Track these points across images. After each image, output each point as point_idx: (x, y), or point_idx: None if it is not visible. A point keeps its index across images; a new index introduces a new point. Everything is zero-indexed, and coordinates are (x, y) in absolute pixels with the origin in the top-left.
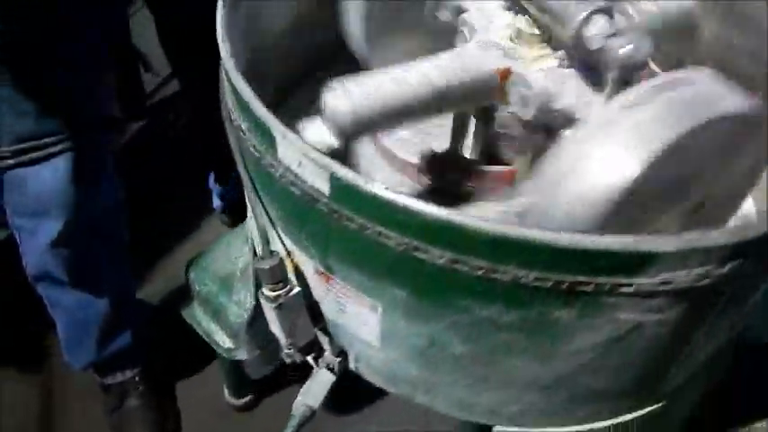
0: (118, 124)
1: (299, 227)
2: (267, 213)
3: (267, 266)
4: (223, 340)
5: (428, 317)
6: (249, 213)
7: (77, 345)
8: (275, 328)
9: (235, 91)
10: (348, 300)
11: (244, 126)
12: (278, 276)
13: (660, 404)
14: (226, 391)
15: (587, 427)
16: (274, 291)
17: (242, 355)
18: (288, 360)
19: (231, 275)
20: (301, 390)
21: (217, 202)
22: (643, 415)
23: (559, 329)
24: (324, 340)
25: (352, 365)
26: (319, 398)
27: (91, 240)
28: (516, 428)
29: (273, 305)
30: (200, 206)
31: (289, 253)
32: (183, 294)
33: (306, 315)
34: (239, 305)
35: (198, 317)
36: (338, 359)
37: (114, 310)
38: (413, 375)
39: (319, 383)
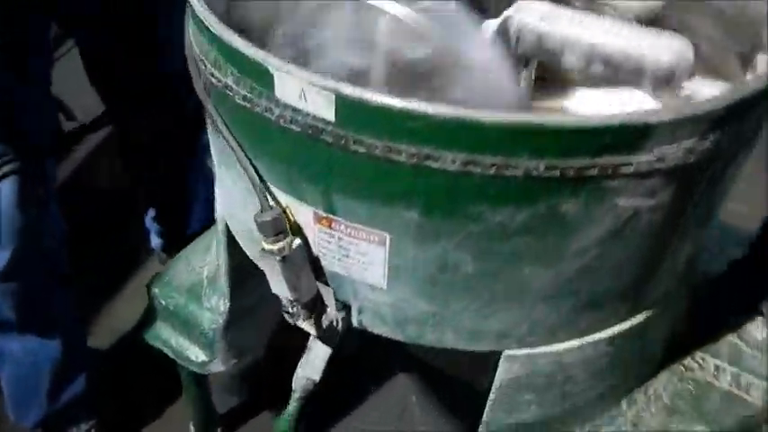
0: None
1: (299, 171)
2: (258, 173)
3: (269, 218)
4: (196, 354)
5: (440, 235)
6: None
7: (26, 399)
8: (279, 285)
9: (220, 45)
10: (353, 241)
11: (231, 80)
12: (280, 227)
13: (650, 311)
14: (192, 430)
15: (587, 339)
16: (277, 243)
17: (217, 366)
18: (292, 321)
19: (198, 284)
20: (299, 364)
21: (155, 241)
22: (635, 326)
23: (566, 225)
24: (326, 294)
25: (355, 321)
26: (319, 370)
27: (40, 272)
28: (525, 350)
29: (278, 258)
30: (138, 246)
31: (284, 210)
32: (128, 339)
33: (309, 269)
34: (212, 311)
35: (164, 336)
36: (341, 314)
37: (66, 353)
38: (422, 312)
39: (317, 356)
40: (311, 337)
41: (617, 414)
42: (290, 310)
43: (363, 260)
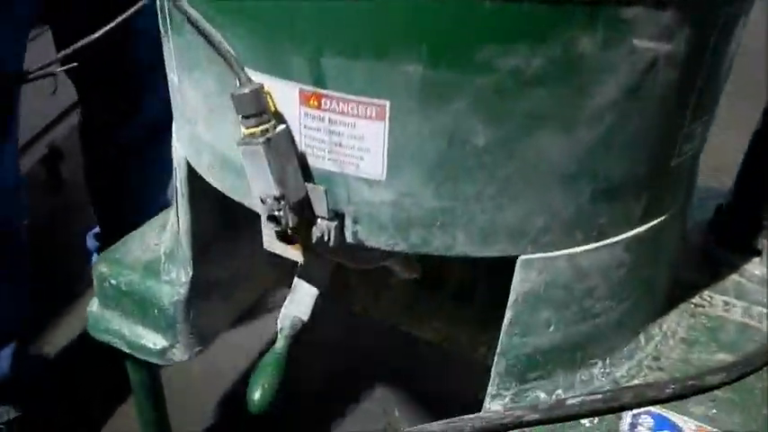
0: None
1: (283, 34)
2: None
3: (248, 90)
4: (154, 341)
5: (447, 96)
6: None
7: None
8: (263, 180)
9: None
10: (346, 121)
11: None
12: (261, 104)
13: (661, 218)
14: None
15: (604, 242)
16: (260, 124)
17: (180, 354)
18: (276, 226)
19: (155, 261)
20: (284, 305)
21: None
22: (648, 232)
23: (583, 72)
24: (316, 199)
25: (349, 235)
26: (307, 309)
27: None
28: (541, 254)
29: (261, 141)
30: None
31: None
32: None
33: (295, 161)
34: (173, 283)
35: (114, 326)
36: (334, 223)
37: None
38: (428, 210)
39: (305, 293)
40: (296, 278)
41: (635, 347)
42: (276, 212)
43: (359, 146)
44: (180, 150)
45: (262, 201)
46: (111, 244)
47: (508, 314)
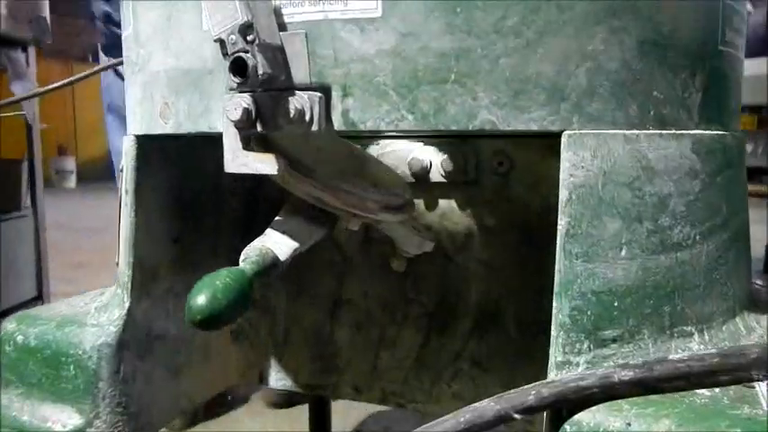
0: None
1: None
2: None
3: None
4: (66, 420)
5: None
6: None
7: None
8: (222, 8)
9: None
10: None
11: None
12: None
13: (727, 133)
14: None
15: (670, 131)
16: None
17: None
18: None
19: (81, 313)
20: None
21: None
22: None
23: None
24: (294, 56)
25: (338, 116)
26: (285, 249)
27: None
28: (591, 129)
29: None
30: None
31: None
32: None
33: (268, 4)
34: (100, 326)
35: (11, 412)
36: (318, 96)
37: None
38: (438, 54)
39: (282, 237)
40: (269, 228)
41: (736, 331)
42: (243, 53)
43: None
44: (129, 135)
45: (222, 44)
46: None
47: (562, 221)
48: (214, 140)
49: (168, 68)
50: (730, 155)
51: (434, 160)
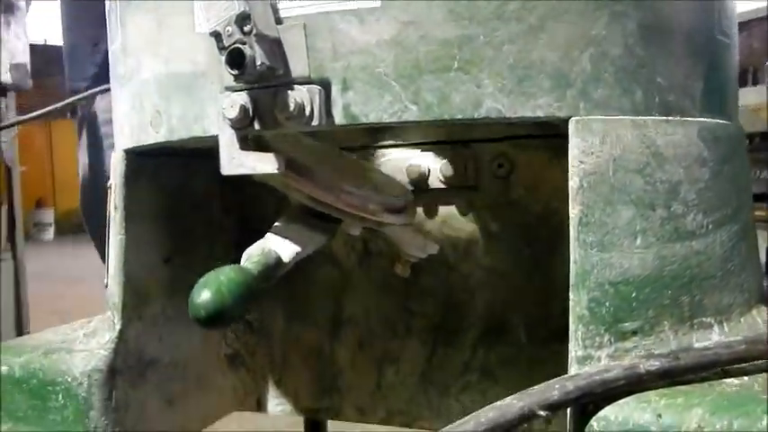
0: None
1: None
2: None
3: None
4: None
5: None
6: None
7: None
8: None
9: None
10: None
11: None
12: None
13: (730, 123)
14: None
15: (676, 117)
16: None
17: None
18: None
19: (69, 340)
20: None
21: None
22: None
23: None
24: (291, 48)
25: (339, 111)
26: (288, 251)
27: None
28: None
29: None
30: None
31: None
32: None
33: None
34: (90, 352)
35: None
36: (317, 89)
37: None
38: (441, 41)
39: (284, 239)
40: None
41: (754, 323)
42: (241, 44)
43: None
44: (117, 150)
45: (218, 37)
46: None
47: (575, 210)
48: (205, 155)
49: (159, 74)
50: (735, 144)
51: (433, 166)
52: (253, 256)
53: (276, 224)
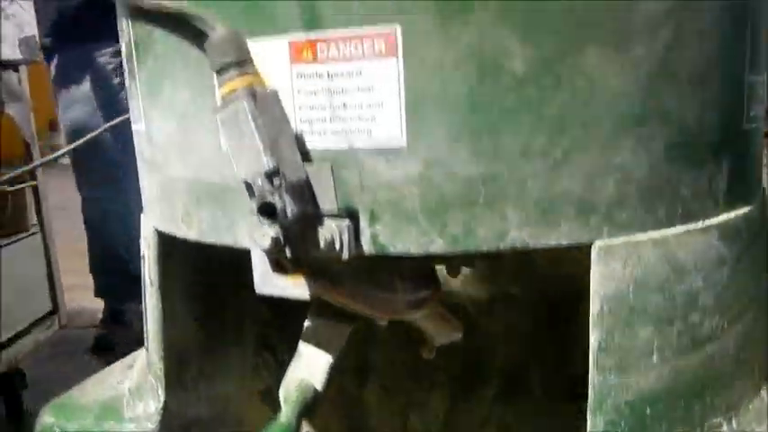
0: None
1: None
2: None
3: (224, 31)
4: None
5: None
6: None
7: None
8: (247, 152)
9: None
10: (350, 69)
11: None
12: (243, 51)
13: (750, 207)
14: None
15: (696, 225)
16: (243, 74)
17: None
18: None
19: (116, 398)
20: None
21: None
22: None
23: None
24: (320, 186)
25: (367, 241)
26: (320, 375)
27: None
28: (622, 238)
29: (245, 95)
30: None
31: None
32: None
33: (290, 129)
34: (138, 421)
35: None
36: (345, 222)
37: None
38: (465, 179)
39: (314, 358)
40: (301, 342)
41: (762, 406)
42: (270, 196)
43: (369, 102)
44: (149, 224)
45: (248, 187)
46: None
47: (594, 335)
48: None
49: (188, 179)
50: (754, 227)
51: None
52: (290, 395)
53: (306, 324)
